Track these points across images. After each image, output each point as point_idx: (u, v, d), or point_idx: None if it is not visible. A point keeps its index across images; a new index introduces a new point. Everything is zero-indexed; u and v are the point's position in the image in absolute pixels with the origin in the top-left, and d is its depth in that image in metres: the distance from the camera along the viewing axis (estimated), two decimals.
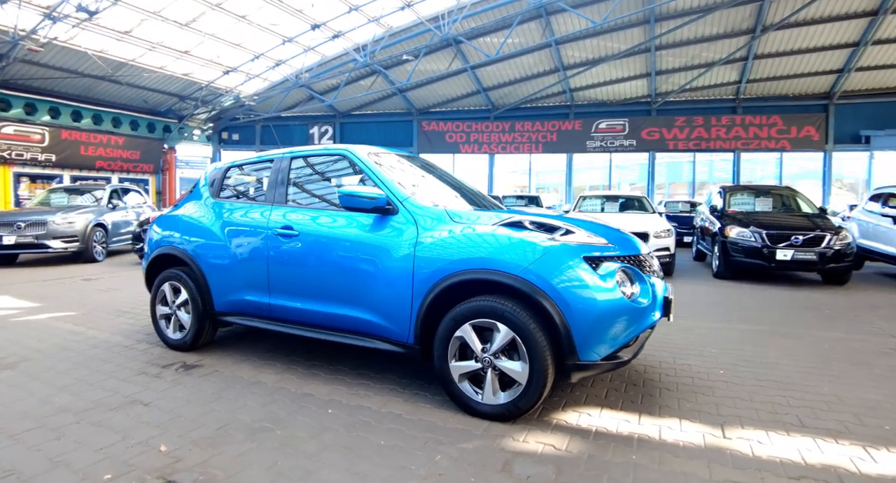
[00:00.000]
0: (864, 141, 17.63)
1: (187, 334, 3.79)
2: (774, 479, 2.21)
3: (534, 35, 15.81)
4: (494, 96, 19.77)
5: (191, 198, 4.07)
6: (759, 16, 14.29)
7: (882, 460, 2.39)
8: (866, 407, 3.02)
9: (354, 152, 3.34)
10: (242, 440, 2.44)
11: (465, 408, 2.73)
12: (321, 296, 3.19)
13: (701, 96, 18.99)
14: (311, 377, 3.33)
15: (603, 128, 19.90)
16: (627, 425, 2.69)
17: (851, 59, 15.83)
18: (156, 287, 3.96)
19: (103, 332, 4.44)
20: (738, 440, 2.55)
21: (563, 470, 2.22)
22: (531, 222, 2.79)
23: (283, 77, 17.77)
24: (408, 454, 2.32)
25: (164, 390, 3.07)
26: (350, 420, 2.68)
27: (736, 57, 16.21)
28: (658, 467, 2.27)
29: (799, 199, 9.69)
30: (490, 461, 2.27)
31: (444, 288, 2.71)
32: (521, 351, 2.56)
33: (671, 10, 14.28)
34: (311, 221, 3.27)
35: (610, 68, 17.61)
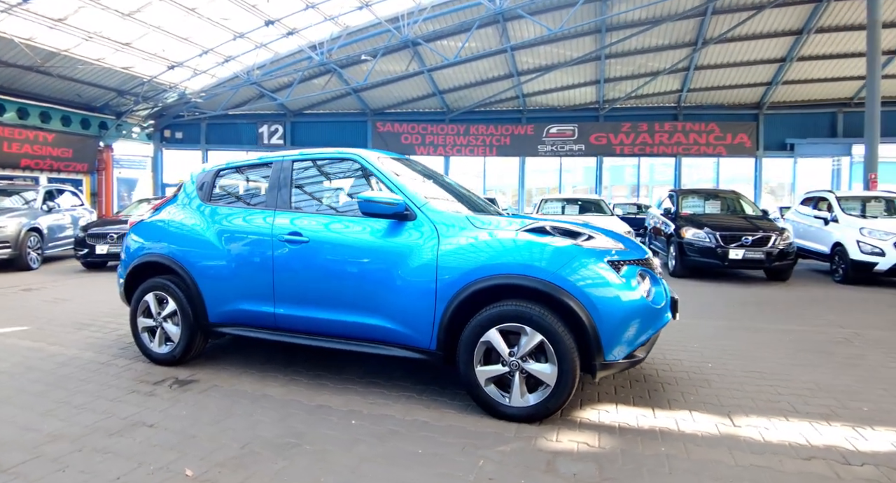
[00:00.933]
0: (789, 148, 19.17)
1: (176, 347, 3.56)
2: (790, 461, 2.39)
3: (490, 40, 16.08)
4: (450, 99, 19.92)
5: (175, 202, 3.83)
6: (700, 29, 15.22)
7: (872, 438, 2.64)
8: (843, 392, 3.31)
9: (366, 157, 3.27)
10: (272, 458, 2.34)
11: (492, 411, 2.75)
12: (333, 304, 3.10)
13: (645, 103, 19.97)
14: (320, 388, 3.24)
15: (554, 133, 20.50)
16: (646, 419, 2.81)
17: (779, 73, 17.17)
18: (137, 298, 3.69)
19: (68, 347, 4.10)
20: (747, 427, 2.73)
21: (603, 466, 2.30)
22: (553, 228, 2.86)
23: (232, 74, 17.11)
24: (449, 461, 2.32)
25: (165, 410, 2.87)
26: (378, 430, 2.63)
27: (679, 67, 17.18)
28: (687, 456, 2.39)
29: (742, 201, 10.41)
30: (533, 462, 2.32)
31: (471, 293, 2.72)
32: (549, 353, 2.62)
33: (621, 20, 14.95)
34: (322, 227, 3.17)
35: (561, 75, 18.19)
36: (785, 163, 19.65)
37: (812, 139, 18.87)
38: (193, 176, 3.88)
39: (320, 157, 3.52)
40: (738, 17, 14.54)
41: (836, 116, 18.72)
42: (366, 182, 3.30)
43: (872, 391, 3.34)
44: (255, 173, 3.73)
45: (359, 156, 3.30)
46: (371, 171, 3.22)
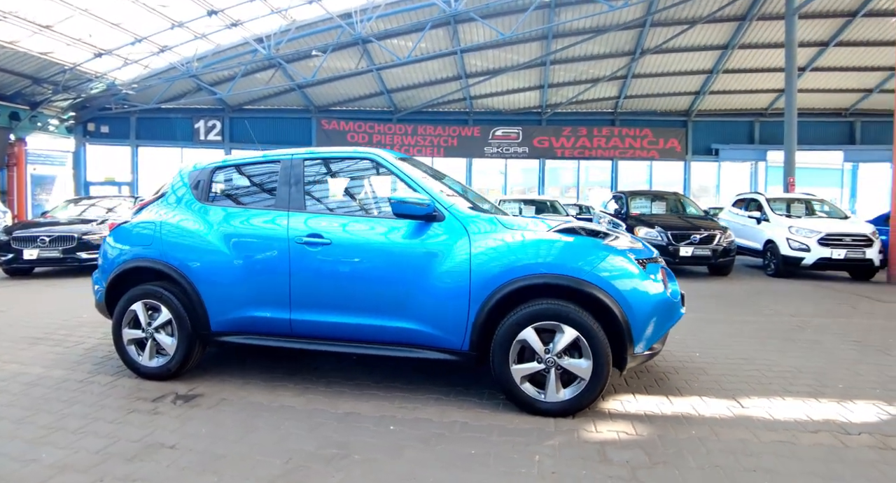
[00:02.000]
0: (714, 153, 20.74)
1: (171, 360, 3.30)
2: (802, 435, 2.64)
3: (441, 41, 16.19)
4: (398, 98, 19.83)
5: (163, 202, 3.55)
6: (639, 40, 16.14)
7: (857, 411, 2.97)
8: (817, 373, 3.67)
9: (385, 157, 3.21)
10: (325, 471, 2.23)
11: (529, 408, 2.80)
12: (358, 308, 3.02)
13: (585, 109, 20.87)
14: (339, 395, 3.13)
15: (499, 135, 20.96)
16: (666, 406, 2.98)
17: (706, 84, 18.54)
18: (122, 308, 3.37)
19: (28, 365, 3.68)
20: (754, 408, 2.98)
21: (648, 451, 2.42)
22: (581, 228, 2.97)
23: (168, 64, 16.08)
24: (505, 459, 2.34)
25: (179, 429, 2.65)
26: (420, 434, 2.60)
27: (618, 75, 18.11)
28: (717, 438, 2.58)
29: (685, 202, 11.17)
30: (585, 453, 2.39)
31: (506, 293, 2.76)
32: (584, 348, 2.72)
33: (567, 29, 15.54)
34: (344, 229, 3.07)
35: (508, 79, 18.63)
36: (710, 166, 21.23)
37: (734, 145, 20.53)
38: (183, 174, 3.61)
39: (333, 156, 3.41)
40: (673, 30, 15.56)
41: (754, 125, 20.48)
42: (384, 182, 3.25)
43: (839, 371, 3.73)
44: (258, 172, 3.53)
45: (377, 155, 3.23)
46: (392, 171, 3.16)
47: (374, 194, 3.47)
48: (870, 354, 4.19)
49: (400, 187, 3.23)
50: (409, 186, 3.10)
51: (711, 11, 14.68)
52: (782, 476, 2.24)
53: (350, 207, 3.34)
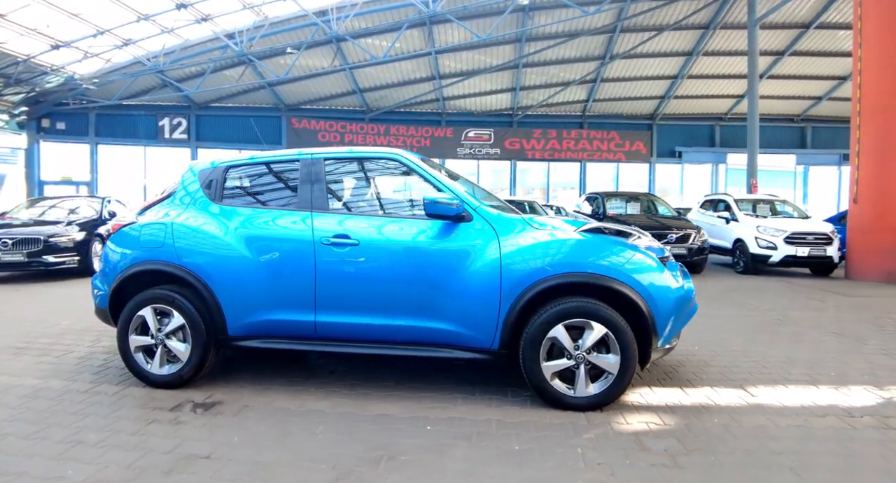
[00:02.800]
0: (678, 155, 21.50)
1: (184, 367, 3.18)
2: (814, 419, 2.84)
3: (416, 42, 16.19)
4: (370, 98, 19.70)
5: (172, 202, 3.42)
6: (609, 45, 16.59)
7: (854, 395, 3.22)
8: (808, 362, 3.91)
9: (410, 158, 3.21)
10: (377, 473, 2.22)
11: (558, 403, 2.87)
12: (387, 309, 3.01)
13: (555, 112, 21.27)
14: (365, 398, 3.11)
15: (471, 136, 21.10)
16: (683, 397, 3.12)
17: (671, 88, 19.22)
18: (128, 313, 3.23)
19: (20, 376, 3.46)
20: (763, 396, 3.16)
21: (681, 439, 2.54)
22: (606, 229, 3.08)
23: (132, 59, 15.46)
24: (550, 453, 2.40)
25: (209, 438, 2.56)
26: (460, 433, 2.62)
27: (587, 79, 18.56)
28: (739, 425, 2.72)
29: (657, 202, 11.58)
30: (624, 444, 2.49)
31: (537, 292, 2.83)
32: (612, 344, 2.82)
33: (541, 32, 15.82)
34: (373, 229, 3.06)
35: (481, 81, 18.80)
36: (674, 168, 21.99)
37: (696, 148, 21.34)
38: (193, 172, 3.49)
39: (355, 156, 3.39)
40: (641, 37, 16.07)
41: (715, 128, 21.35)
42: (410, 182, 3.26)
43: (827, 360, 3.98)
44: (275, 171, 3.47)
45: (400, 155, 3.24)
46: (417, 171, 3.17)
47: (399, 195, 3.48)
48: (849, 344, 4.48)
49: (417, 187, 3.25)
50: (434, 187, 3.12)
51: (678, 19, 15.25)
52: (807, 456, 2.40)
53: (374, 208, 3.33)
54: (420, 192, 3.21)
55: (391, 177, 3.43)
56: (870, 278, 8.51)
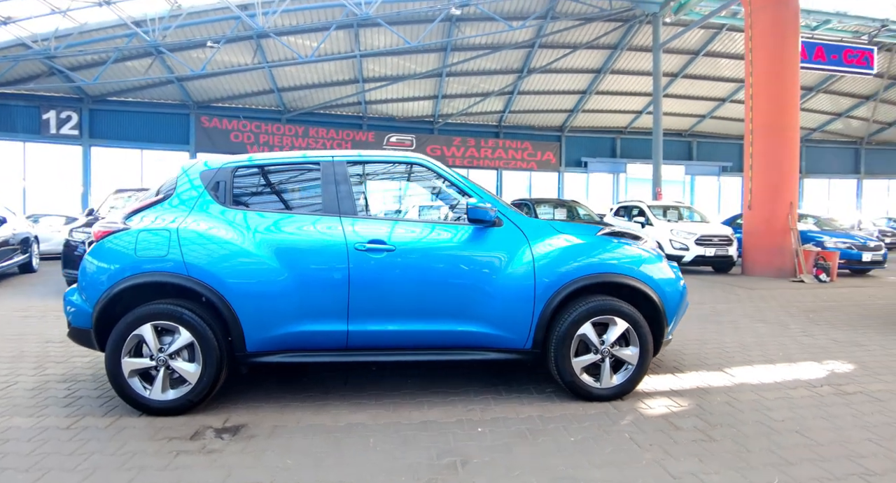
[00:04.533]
0: (584, 165, 23.17)
1: (194, 390, 2.87)
2: (791, 391, 3.34)
3: (341, 43, 15.95)
4: (288, 98, 19.01)
5: (170, 206, 3.09)
6: (527, 59, 17.52)
7: (805, 370, 3.79)
8: (757, 346, 4.50)
9: (436, 163, 3.25)
10: (464, 478, 2.22)
11: (587, 396, 3.07)
12: (423, 314, 3.01)
13: (473, 121, 21.96)
14: (398, 406, 3.05)
15: (393, 141, 21.14)
16: (680, 382, 3.48)
17: (579, 103, 20.71)
18: (120, 333, 2.85)
19: None
20: (741, 376, 3.62)
21: (703, 417, 2.86)
22: (619, 232, 3.36)
23: (14, 39, 13.55)
24: (604, 440, 2.57)
25: (256, 464, 2.37)
26: (511, 431, 2.69)
27: (505, 91, 19.43)
28: (739, 401, 3.12)
29: (581, 209, 12.44)
30: (659, 426, 2.74)
31: (569, 293, 3.02)
32: (632, 338, 3.09)
33: (466, 43, 16.33)
34: (408, 234, 3.03)
35: (404, 87, 18.94)
36: (580, 177, 23.65)
37: (600, 158, 23.15)
38: (196, 173, 3.20)
39: (378, 160, 3.34)
40: (558, 53, 17.18)
41: (616, 141, 23.31)
42: (433, 187, 3.31)
43: (770, 344, 4.62)
44: (292, 174, 3.32)
45: (426, 161, 3.26)
46: (445, 177, 3.22)
47: (423, 199, 3.50)
48: (778, 329, 5.21)
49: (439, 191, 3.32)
50: (464, 192, 3.19)
51: (590, 39, 16.52)
52: (806, 420, 2.84)
53: (402, 212, 3.33)
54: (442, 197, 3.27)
55: (415, 181, 3.44)
56: (762, 274, 9.85)
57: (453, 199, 3.34)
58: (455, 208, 3.37)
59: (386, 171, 3.41)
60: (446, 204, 3.52)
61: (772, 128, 9.83)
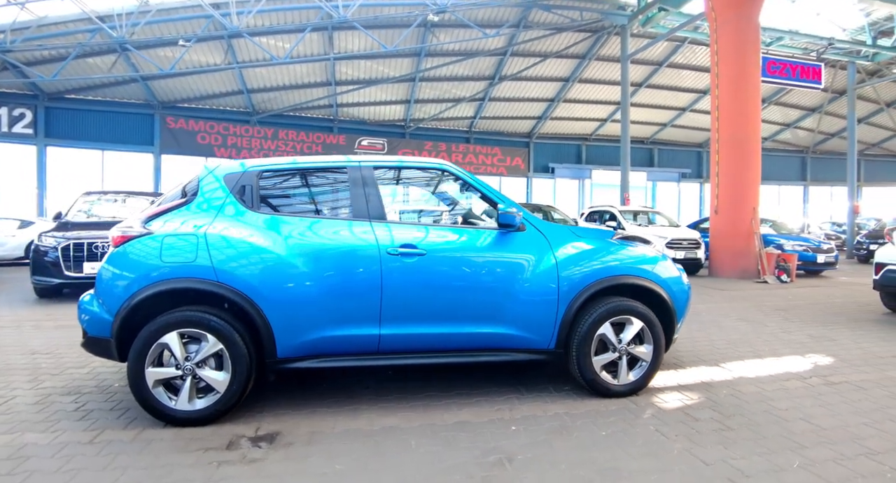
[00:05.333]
0: (551, 171, 23.71)
1: (222, 398, 2.83)
2: (786, 382, 3.61)
3: (314, 46, 15.82)
4: (258, 99, 18.66)
5: (193, 210, 3.04)
6: (499, 67, 17.84)
7: (792, 363, 4.09)
8: (743, 342, 4.81)
9: (460, 169, 3.35)
10: (513, 475, 2.30)
11: (605, 392, 3.24)
12: (453, 317, 3.08)
13: (445, 126, 22.14)
14: (426, 408, 3.10)
15: (365, 145, 21.05)
16: (684, 377, 3.71)
17: (547, 110, 21.21)
18: (144, 342, 2.78)
19: None
20: (738, 370, 3.88)
21: (715, 409, 3.08)
22: (630, 237, 3.55)
23: None
24: (633, 433, 2.74)
25: (305, 471, 2.37)
26: (545, 428, 2.81)
27: (477, 97, 19.70)
28: (743, 393, 3.36)
29: (555, 213, 12.78)
30: (679, 418, 2.94)
31: (590, 295, 3.18)
32: (646, 337, 3.28)
33: (440, 49, 16.49)
34: (437, 239, 3.11)
35: (376, 90, 18.92)
36: (548, 182, 24.17)
37: (566, 164, 23.75)
38: (217, 176, 3.16)
39: (403, 166, 3.42)
40: (529, 61, 17.58)
41: (581, 147, 23.97)
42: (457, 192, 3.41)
43: (754, 340, 4.93)
44: (317, 178, 3.33)
45: (450, 166, 3.36)
46: (470, 182, 3.32)
47: (450, 204, 3.58)
48: (757, 327, 5.56)
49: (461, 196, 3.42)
50: (488, 198, 3.31)
51: (561, 48, 17.00)
52: (807, 408, 3.09)
53: (430, 217, 3.40)
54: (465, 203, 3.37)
55: (440, 186, 3.52)
56: (728, 275, 10.39)
57: (477, 205, 3.46)
58: (480, 214, 3.48)
59: (411, 176, 3.49)
60: (471, 209, 3.63)
61: (736, 138, 10.40)
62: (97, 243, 7.09)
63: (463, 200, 3.54)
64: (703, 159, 25.24)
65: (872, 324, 5.80)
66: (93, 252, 7.04)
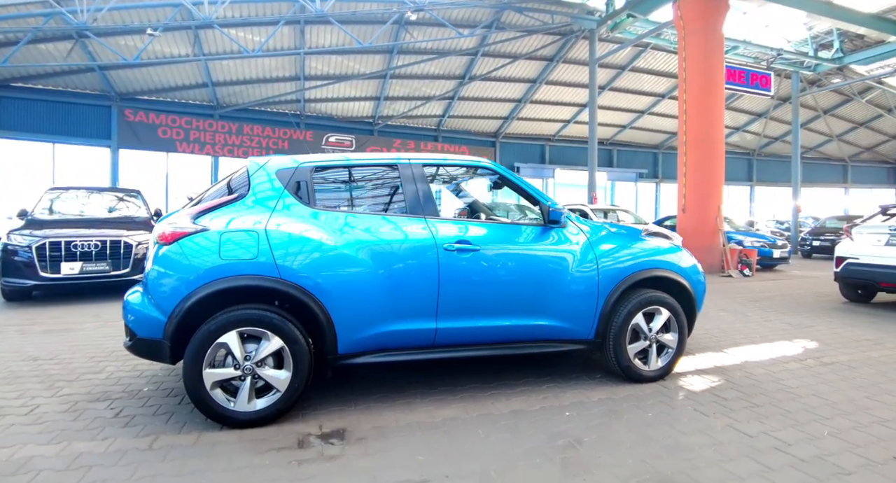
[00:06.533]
0: (516, 170, 24.20)
1: (283, 397, 2.82)
2: (786, 364, 3.98)
3: (285, 40, 15.51)
4: (222, 93, 18.09)
5: (244, 206, 3.01)
6: (469, 66, 18.07)
7: (784, 348, 4.49)
8: (735, 331, 5.20)
9: (501, 166, 3.52)
10: (588, 455, 2.48)
11: (637, 378, 3.49)
12: (502, 310, 3.21)
13: (413, 124, 22.17)
14: (476, 399, 3.23)
15: (333, 141, 20.80)
16: (699, 362, 4.02)
17: (514, 111, 21.64)
18: (201, 343, 2.74)
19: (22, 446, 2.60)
20: (741, 355, 4.24)
21: (737, 389, 3.39)
22: (656, 232, 3.82)
23: None
24: (676, 414, 2.99)
25: (389, 466, 2.41)
26: (596, 413, 3.00)
27: (446, 95, 19.86)
28: (755, 374, 3.69)
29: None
30: (710, 399, 3.23)
31: (626, 287, 3.42)
32: (672, 326, 3.56)
33: (412, 47, 16.54)
34: (489, 235, 3.25)
35: (346, 86, 18.75)
36: None
37: (531, 164, 24.30)
38: (272, 171, 3.14)
39: (451, 163, 3.56)
40: (499, 62, 17.89)
41: (545, 148, 24.58)
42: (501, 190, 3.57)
43: (744, 328, 5.35)
44: (369, 175, 3.39)
45: (492, 164, 3.53)
46: (511, 179, 3.50)
47: (494, 201, 3.73)
48: (741, 317, 6.02)
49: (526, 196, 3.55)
50: (530, 195, 3.49)
51: (530, 50, 17.41)
52: (814, 386, 3.46)
53: (476, 213, 3.53)
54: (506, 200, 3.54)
55: (483, 184, 3.67)
56: None
57: (521, 202, 3.64)
58: (522, 210, 3.66)
59: (457, 174, 3.62)
60: (514, 206, 3.80)
61: (702, 140, 11.05)
62: (76, 242, 6.78)
63: (504, 197, 3.70)
64: (659, 160, 26.43)
65: (837, 312, 6.39)
66: (71, 252, 6.73)
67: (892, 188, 30.57)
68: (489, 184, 3.75)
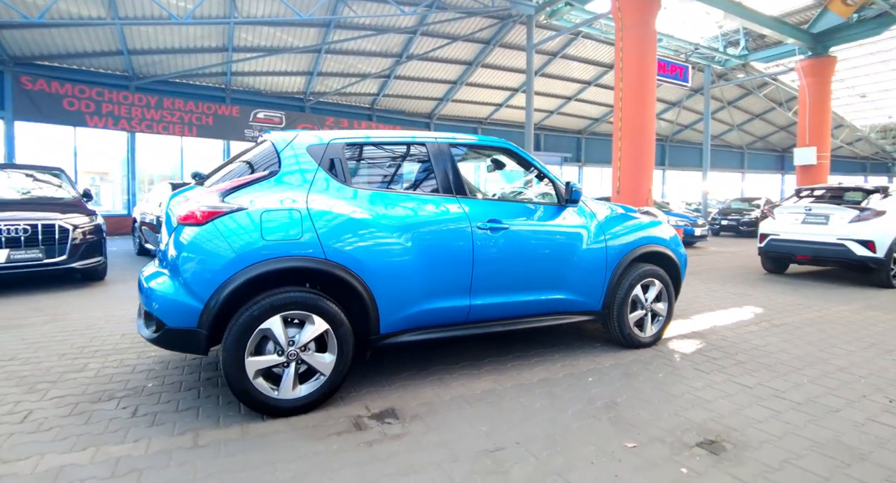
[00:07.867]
0: None
1: (328, 381, 2.78)
2: (748, 327, 4.54)
3: (213, 7, 14.47)
4: (139, 62, 16.55)
5: (279, 183, 2.87)
6: (408, 45, 17.88)
7: (744, 314, 5.07)
8: (703, 300, 5.82)
9: (521, 149, 3.68)
10: (627, 413, 2.76)
11: (636, 344, 3.87)
12: (527, 286, 3.40)
13: (347, 101, 21.61)
14: (502, 371, 3.39)
15: (261, 118, 19.80)
16: (674, 329, 4.50)
17: (449, 93, 21.76)
18: (244, 330, 2.61)
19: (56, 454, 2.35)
20: (708, 321, 4.77)
21: (723, 352, 3.86)
22: (647, 211, 4.18)
23: None
24: (682, 373, 3.37)
25: (458, 438, 2.50)
26: (613, 377, 3.28)
27: (382, 74, 19.53)
28: (730, 337, 4.23)
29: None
30: (702, 359, 3.66)
31: (630, 261, 3.76)
32: (663, 296, 3.98)
33: (350, 22, 16.06)
34: (516, 213, 3.41)
35: (277, 60, 17.87)
36: None
37: None
38: (302, 148, 3.00)
39: (472, 144, 3.64)
40: (437, 42, 17.85)
41: (477, 131, 24.98)
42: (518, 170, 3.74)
43: (698, 299, 5.98)
44: (399, 153, 3.37)
45: (511, 144, 3.68)
46: (527, 160, 3.69)
47: (511, 181, 3.88)
48: (690, 289, 6.67)
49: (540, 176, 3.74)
50: (546, 175, 3.71)
51: (469, 32, 17.53)
52: (777, 343, 4.04)
53: (501, 192, 3.66)
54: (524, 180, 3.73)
55: (500, 162, 3.82)
56: None
57: (537, 182, 3.83)
58: (539, 190, 3.86)
59: (477, 154, 3.74)
60: (533, 186, 3.98)
61: (635, 127, 11.87)
62: (14, 227, 6.08)
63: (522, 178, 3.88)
64: (582, 145, 27.81)
65: (764, 281, 7.29)
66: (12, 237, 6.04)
67: (779, 174, 34.46)
68: (507, 164, 3.90)
